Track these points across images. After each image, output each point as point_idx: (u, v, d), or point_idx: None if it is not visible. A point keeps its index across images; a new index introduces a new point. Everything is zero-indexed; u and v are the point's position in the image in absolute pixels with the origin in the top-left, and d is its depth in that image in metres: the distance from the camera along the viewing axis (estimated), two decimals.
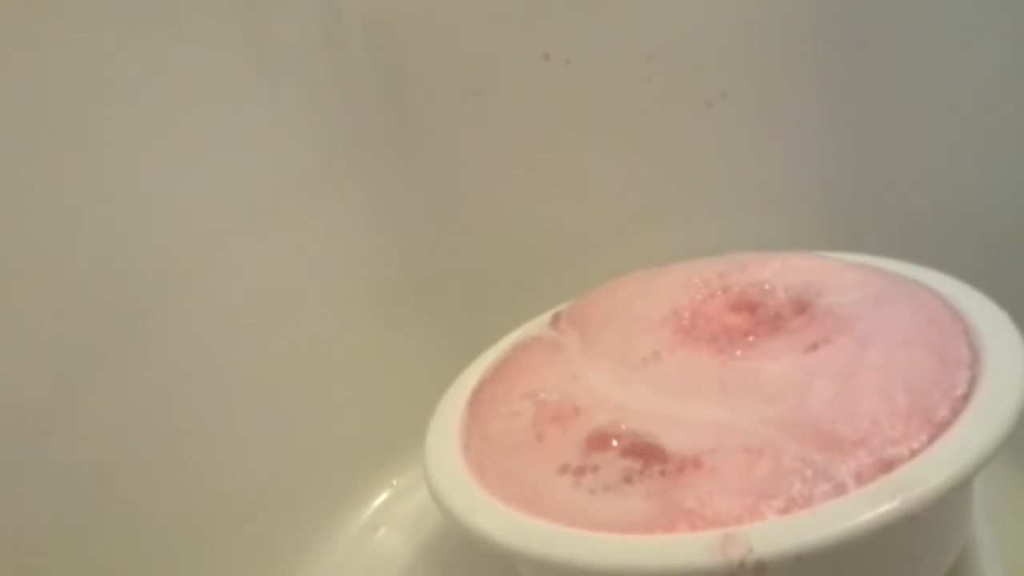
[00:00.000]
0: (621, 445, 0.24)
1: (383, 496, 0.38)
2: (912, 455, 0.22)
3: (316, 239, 0.37)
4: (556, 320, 0.32)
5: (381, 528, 0.37)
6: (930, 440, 0.22)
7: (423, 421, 0.29)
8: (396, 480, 0.39)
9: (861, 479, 0.21)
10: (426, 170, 0.40)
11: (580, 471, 0.24)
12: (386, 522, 0.37)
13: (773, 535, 0.20)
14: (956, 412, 0.23)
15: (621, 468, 0.24)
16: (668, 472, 0.23)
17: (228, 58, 0.33)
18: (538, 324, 0.33)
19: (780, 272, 0.30)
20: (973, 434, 0.22)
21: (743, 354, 0.26)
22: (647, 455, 0.24)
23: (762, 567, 0.20)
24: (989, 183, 0.36)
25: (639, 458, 0.24)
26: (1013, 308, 0.26)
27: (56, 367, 0.27)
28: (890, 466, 0.21)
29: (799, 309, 0.28)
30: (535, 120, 0.39)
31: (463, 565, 0.34)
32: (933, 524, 0.24)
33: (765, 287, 0.29)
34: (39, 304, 0.26)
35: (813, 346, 0.26)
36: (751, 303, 0.29)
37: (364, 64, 0.38)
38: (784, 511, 0.21)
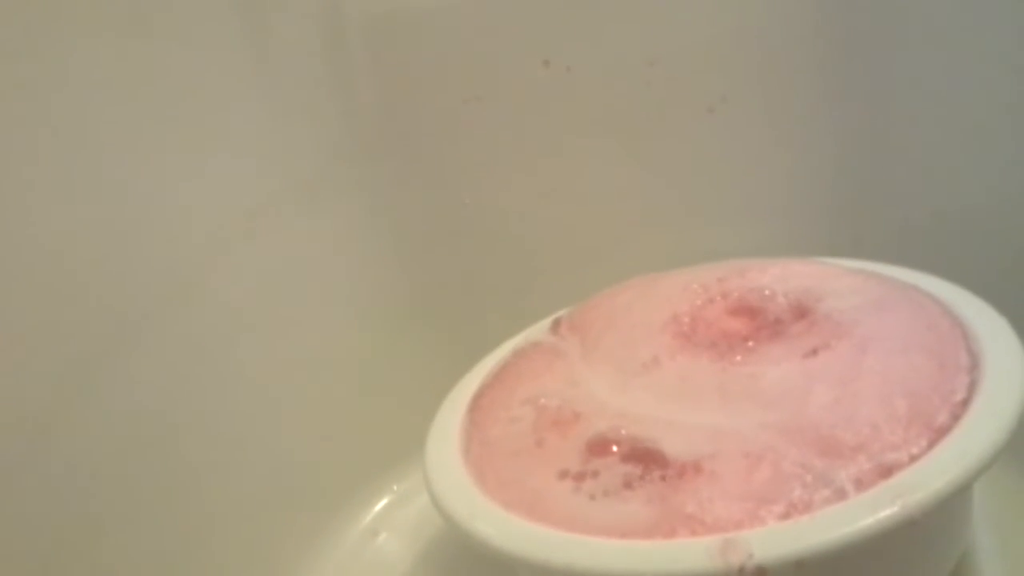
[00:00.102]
0: (621, 450, 0.24)
1: (383, 501, 0.38)
2: (912, 460, 0.22)
3: (316, 242, 0.37)
4: (556, 326, 0.32)
5: (381, 533, 0.37)
6: (930, 445, 0.22)
7: (423, 426, 0.29)
8: (396, 485, 0.38)
9: (861, 484, 0.21)
10: (426, 175, 0.40)
11: (580, 476, 0.24)
12: (386, 527, 0.37)
13: (773, 540, 0.20)
14: (956, 417, 0.23)
15: (621, 473, 0.24)
16: (668, 477, 0.23)
17: (228, 59, 0.33)
18: (538, 330, 0.33)
19: (780, 278, 0.30)
20: (973, 439, 0.22)
21: (743, 359, 0.26)
22: (647, 460, 0.24)
23: (762, 572, 0.20)
24: (988, 188, 0.35)
25: (639, 463, 0.24)
26: (1012, 314, 0.26)
27: (57, 368, 0.27)
28: (890, 471, 0.21)
29: (799, 315, 0.28)
30: (535, 125, 0.39)
31: (463, 571, 0.34)
32: (933, 529, 0.24)
33: (765, 292, 0.29)
34: (40, 305, 0.26)
35: (813, 351, 0.26)
36: (751, 309, 0.29)
37: (364, 67, 0.38)
38: (784, 516, 0.21)
